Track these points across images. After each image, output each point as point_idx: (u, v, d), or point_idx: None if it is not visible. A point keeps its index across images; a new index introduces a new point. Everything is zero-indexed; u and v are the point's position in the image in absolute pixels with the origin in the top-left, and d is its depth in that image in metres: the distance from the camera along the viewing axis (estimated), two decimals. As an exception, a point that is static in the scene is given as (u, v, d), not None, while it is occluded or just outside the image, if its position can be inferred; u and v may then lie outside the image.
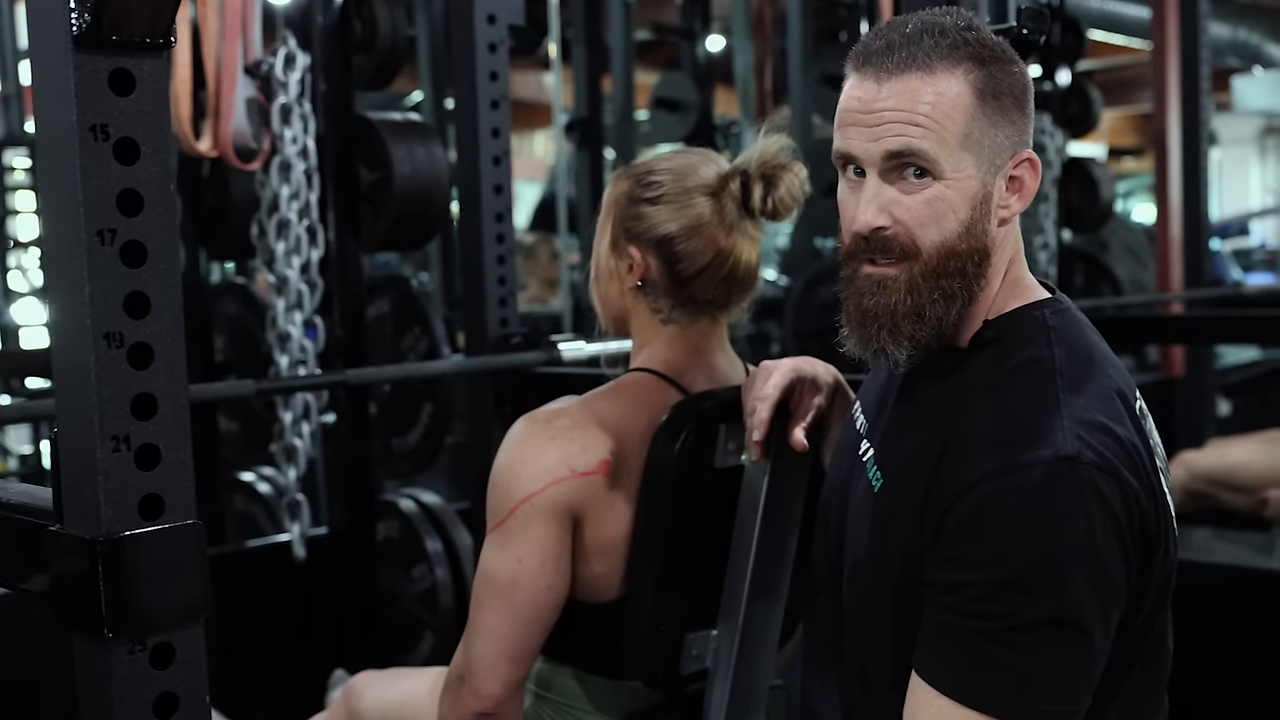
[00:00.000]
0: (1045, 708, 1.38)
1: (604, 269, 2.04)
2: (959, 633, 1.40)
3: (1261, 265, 12.86)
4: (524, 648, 1.87)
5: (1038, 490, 1.38)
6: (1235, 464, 4.53)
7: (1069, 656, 1.39)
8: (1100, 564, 1.39)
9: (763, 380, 1.88)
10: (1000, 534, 1.38)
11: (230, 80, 3.18)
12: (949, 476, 1.44)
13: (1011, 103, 1.52)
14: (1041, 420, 1.42)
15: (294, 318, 3.27)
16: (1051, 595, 1.37)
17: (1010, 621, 1.37)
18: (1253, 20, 11.95)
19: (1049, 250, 5.35)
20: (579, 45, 6.61)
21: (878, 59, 1.51)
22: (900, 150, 1.49)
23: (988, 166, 1.51)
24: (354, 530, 3.47)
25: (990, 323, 1.55)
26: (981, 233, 1.52)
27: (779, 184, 1.96)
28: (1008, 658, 1.37)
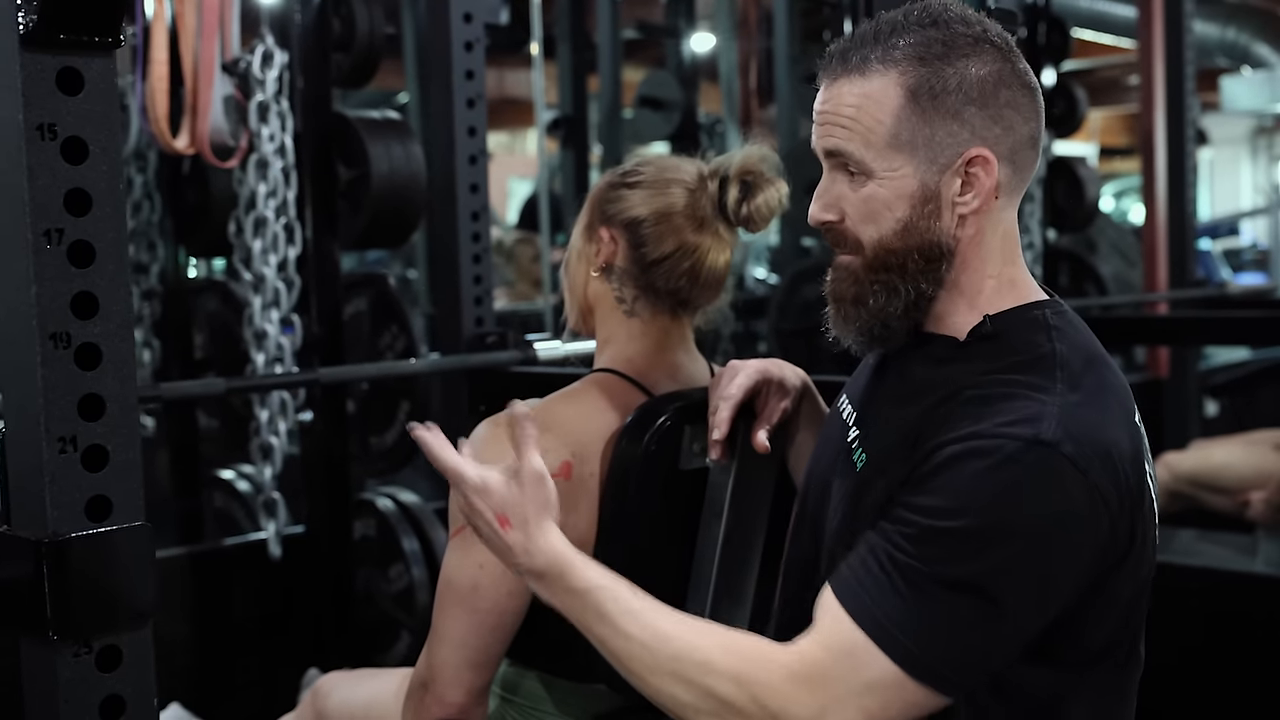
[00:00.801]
0: (935, 666, 1.39)
1: (575, 254, 2.05)
2: (884, 561, 1.40)
3: (1252, 265, 12.84)
4: (487, 654, 1.86)
5: (1006, 461, 1.39)
6: (1218, 465, 4.52)
7: (977, 628, 1.39)
8: (1044, 553, 1.39)
9: (728, 380, 1.88)
10: (955, 489, 1.39)
11: (207, 78, 3.17)
12: (931, 435, 1.45)
13: (959, 100, 1.50)
14: (1032, 404, 1.43)
15: (270, 315, 3.27)
16: (981, 562, 1.38)
17: (935, 570, 1.38)
18: (1241, 20, 11.95)
19: (1034, 250, 5.34)
20: (564, 43, 6.60)
21: (828, 64, 1.58)
22: (830, 150, 1.57)
23: (928, 166, 1.52)
24: (330, 529, 3.46)
25: (990, 317, 1.55)
26: (927, 230, 1.53)
27: (757, 193, 1.96)
28: (920, 603, 1.38)
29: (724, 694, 1.43)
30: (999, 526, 1.38)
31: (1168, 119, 5.82)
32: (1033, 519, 1.38)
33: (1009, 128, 1.53)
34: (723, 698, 1.43)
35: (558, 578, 1.55)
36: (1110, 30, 10.51)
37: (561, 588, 1.55)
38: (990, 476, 1.39)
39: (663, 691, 1.47)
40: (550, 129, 6.79)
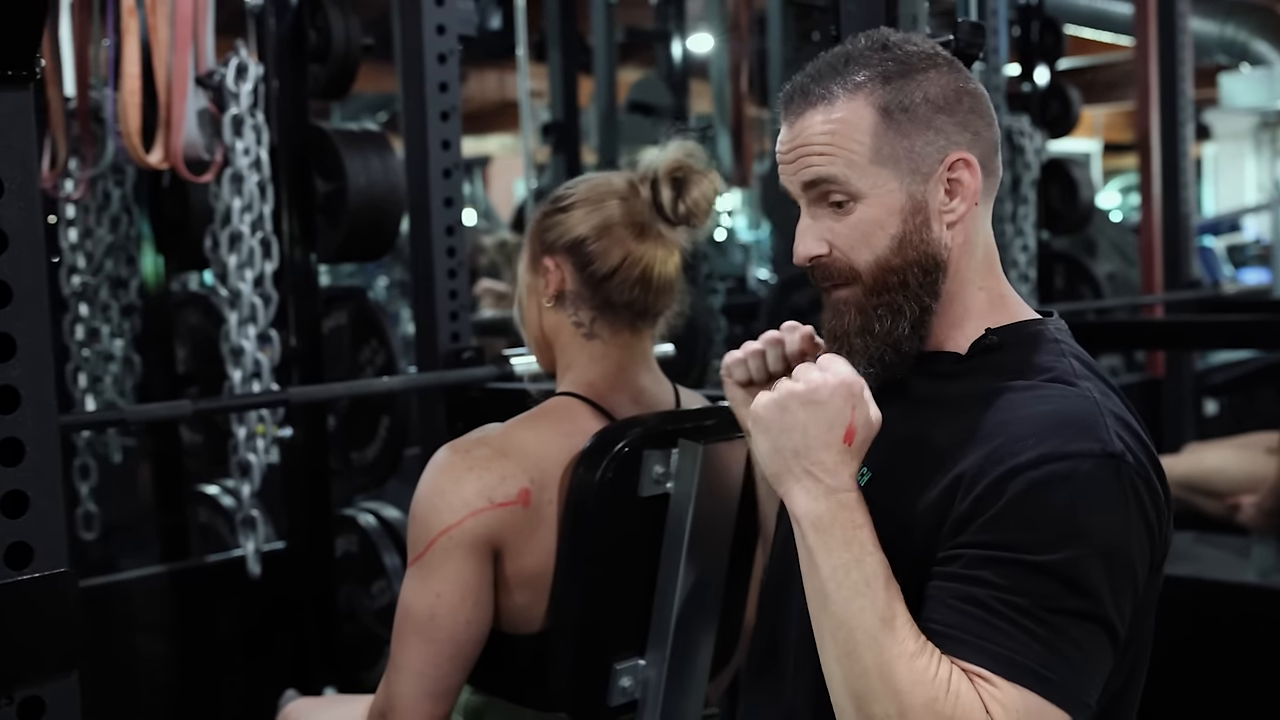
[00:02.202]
0: (1073, 691, 1.37)
1: (525, 292, 2.03)
2: (989, 605, 1.37)
3: (1255, 261, 12.79)
4: (445, 684, 1.83)
5: (1089, 482, 1.39)
6: (1211, 469, 4.49)
7: (1096, 650, 1.39)
8: (1131, 568, 1.41)
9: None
10: (1049, 519, 1.38)
11: (181, 91, 3.13)
12: (989, 461, 1.42)
13: (930, 109, 1.54)
14: (1085, 416, 1.44)
15: (247, 331, 3.23)
16: (1089, 589, 1.37)
17: (1049, 604, 1.36)
18: (1240, 17, 11.93)
19: (1028, 252, 5.31)
20: (555, 46, 6.57)
21: (789, 101, 1.59)
22: (813, 179, 1.55)
23: (911, 177, 1.54)
24: (312, 545, 3.43)
25: (993, 330, 1.57)
26: (921, 242, 1.55)
27: (690, 188, 1.94)
28: (1043, 635, 1.36)
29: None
30: (1098, 551, 1.38)
31: (1162, 117, 5.78)
32: (1123, 536, 1.40)
33: (976, 133, 1.57)
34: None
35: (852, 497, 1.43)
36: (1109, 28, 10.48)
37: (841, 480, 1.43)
38: (1078, 501, 1.38)
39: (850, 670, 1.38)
40: (542, 133, 6.77)
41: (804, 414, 1.42)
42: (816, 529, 1.40)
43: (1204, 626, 3.48)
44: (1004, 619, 1.36)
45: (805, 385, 1.43)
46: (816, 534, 1.40)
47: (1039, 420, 1.44)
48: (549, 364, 2.05)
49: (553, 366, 2.04)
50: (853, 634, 1.36)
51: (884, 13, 2.10)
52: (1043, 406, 1.46)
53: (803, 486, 1.42)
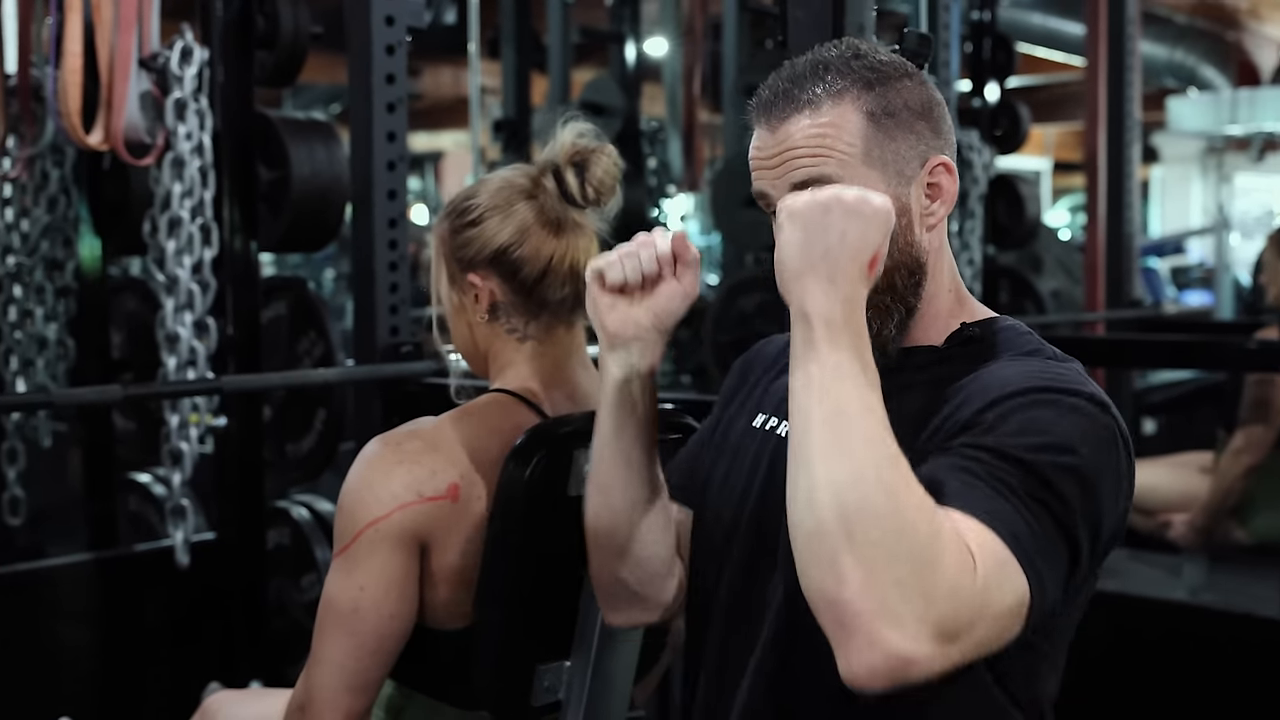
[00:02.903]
0: (1038, 568, 1.34)
1: (451, 309, 2.00)
2: (981, 476, 1.36)
3: (1198, 283, 12.90)
4: (366, 678, 1.82)
5: (1077, 411, 1.43)
6: (1145, 487, 4.48)
7: (1060, 555, 1.37)
8: (1101, 500, 1.41)
9: None
10: (1039, 429, 1.40)
11: (124, 72, 3.11)
12: (978, 398, 1.45)
13: (910, 115, 1.57)
14: (1074, 376, 1.49)
15: (183, 318, 3.20)
16: (1067, 498, 1.37)
17: (1034, 494, 1.36)
18: (1189, 42, 12.04)
19: (974, 266, 5.32)
20: (509, 44, 6.55)
21: (769, 108, 1.58)
22: (804, 180, 1.53)
23: (897, 179, 1.56)
24: (242, 537, 3.39)
25: (969, 325, 1.60)
26: (906, 245, 1.56)
27: (592, 167, 1.93)
28: (1024, 512, 1.35)
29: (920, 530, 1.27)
30: (1079, 476, 1.38)
31: (1110, 137, 5.82)
32: (1103, 461, 1.41)
33: (948, 141, 1.61)
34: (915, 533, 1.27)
35: (863, 316, 1.39)
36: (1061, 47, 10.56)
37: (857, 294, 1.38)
38: (1070, 422, 1.41)
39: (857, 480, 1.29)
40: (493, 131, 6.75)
41: (844, 222, 1.38)
42: (829, 325, 1.35)
43: (1134, 642, 3.50)
44: (992, 488, 1.35)
45: (853, 196, 1.40)
46: (827, 329, 1.35)
47: (1032, 373, 1.48)
48: (483, 372, 2.03)
49: (487, 374, 2.02)
50: (851, 422, 1.31)
51: (831, 20, 2.10)
52: (1025, 370, 1.49)
53: (822, 288, 1.37)
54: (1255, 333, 4.45)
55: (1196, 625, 3.49)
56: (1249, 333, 4.56)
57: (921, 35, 1.96)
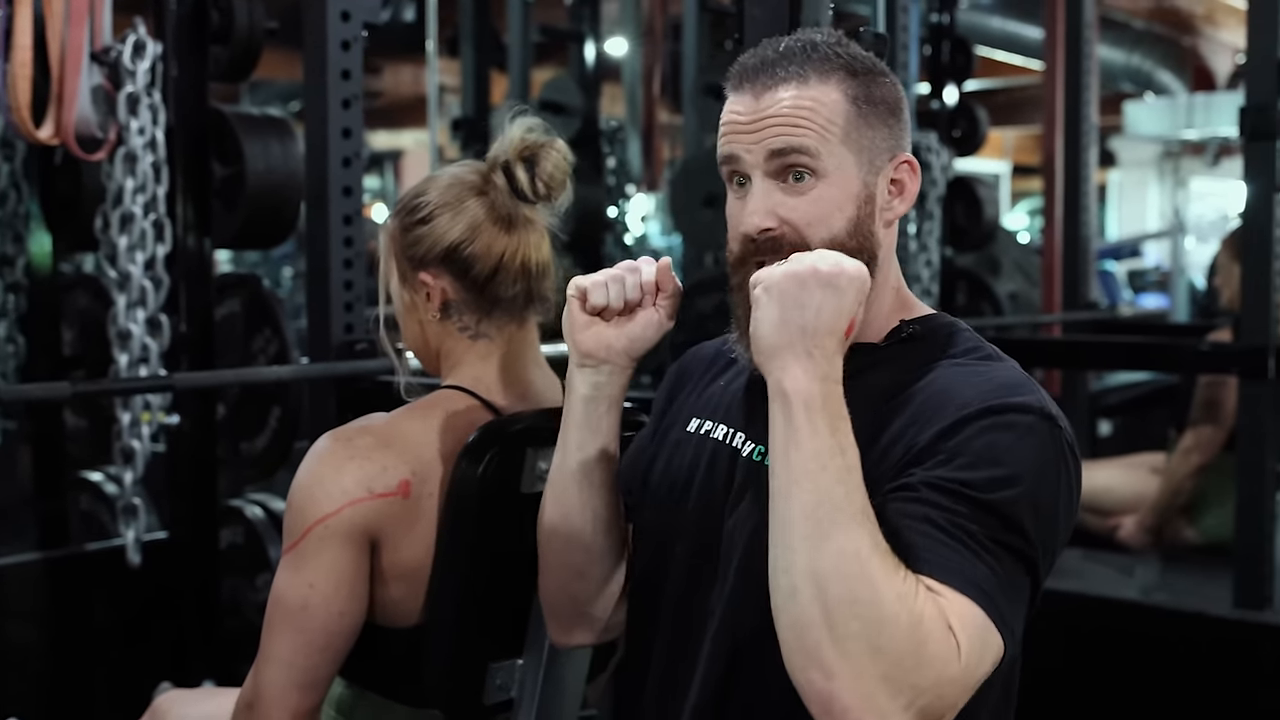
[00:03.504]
0: (1008, 617, 1.36)
1: (403, 308, 1.98)
2: (944, 527, 1.37)
3: (1154, 286, 12.99)
4: (314, 675, 1.80)
5: (1030, 434, 1.43)
6: (1099, 488, 4.54)
7: (1024, 589, 1.40)
8: (1058, 520, 1.43)
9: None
10: (993, 460, 1.41)
11: (75, 66, 3.07)
12: (937, 417, 1.45)
13: (886, 110, 1.59)
14: (1021, 382, 1.49)
15: (136, 315, 3.18)
16: (1023, 530, 1.38)
17: (994, 536, 1.37)
18: (1146, 48, 12.12)
19: (932, 268, 5.34)
20: (467, 42, 6.53)
21: (754, 74, 1.58)
22: (783, 148, 1.54)
23: (868, 167, 1.57)
24: (195, 535, 3.37)
25: (908, 321, 1.61)
26: (869, 233, 1.58)
27: (541, 162, 1.92)
28: (989, 560, 1.36)
29: (900, 620, 1.29)
30: (1033, 500, 1.40)
31: (1067, 141, 5.84)
32: (1054, 491, 1.43)
33: (909, 143, 1.64)
34: (895, 624, 1.29)
35: (840, 390, 1.39)
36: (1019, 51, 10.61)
37: (834, 370, 1.39)
38: (1019, 449, 1.42)
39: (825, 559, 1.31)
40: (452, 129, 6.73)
41: (821, 294, 1.39)
42: (808, 409, 1.36)
43: (1087, 641, 3.52)
44: (956, 539, 1.36)
45: (829, 267, 1.40)
46: (806, 413, 1.36)
47: (980, 385, 1.48)
48: (436, 370, 2.02)
49: (439, 372, 2.01)
50: (832, 514, 1.32)
51: (788, 20, 2.09)
52: (978, 377, 1.50)
53: (801, 364, 1.38)
54: (1208, 335, 4.48)
55: (1148, 625, 3.51)
56: (1203, 335, 4.59)
57: (877, 35, 1.98)
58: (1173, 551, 4.41)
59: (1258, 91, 3.52)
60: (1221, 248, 4.62)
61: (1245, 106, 3.54)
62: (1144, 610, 3.64)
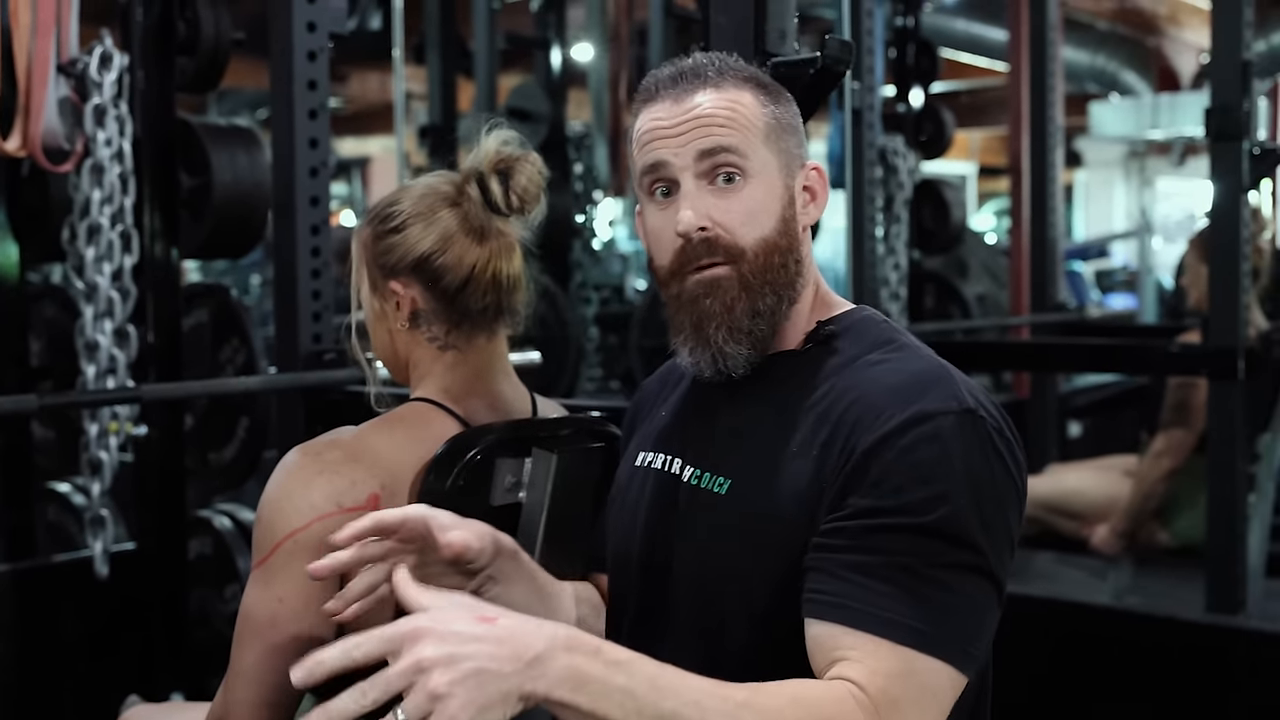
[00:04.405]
0: (964, 646, 1.37)
1: (373, 317, 1.98)
2: (877, 570, 1.37)
3: (1122, 286, 13.04)
4: (284, 692, 1.79)
5: (953, 438, 1.41)
6: (1070, 491, 4.56)
7: (982, 600, 1.40)
8: (1005, 518, 1.42)
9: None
10: (922, 479, 1.39)
11: (42, 78, 3.06)
12: (857, 436, 1.44)
13: (790, 120, 1.63)
14: (936, 376, 1.48)
15: (103, 326, 3.17)
16: (970, 542, 1.38)
17: (936, 560, 1.37)
18: (1111, 48, 12.18)
19: (899, 271, 5.36)
20: (433, 50, 6.52)
21: (671, 83, 1.60)
22: (712, 148, 1.56)
23: (787, 170, 1.60)
24: (163, 547, 3.36)
25: (824, 322, 1.61)
26: (794, 232, 1.60)
27: (515, 175, 1.91)
28: (931, 593, 1.36)
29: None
30: (975, 503, 1.39)
31: (1033, 142, 5.87)
32: (992, 486, 1.41)
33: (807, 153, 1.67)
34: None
35: (594, 650, 1.24)
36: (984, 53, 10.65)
37: (603, 660, 1.24)
38: (947, 460, 1.40)
39: None
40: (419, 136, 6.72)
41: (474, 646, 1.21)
42: (583, 680, 1.22)
43: (1059, 646, 3.52)
44: (894, 584, 1.36)
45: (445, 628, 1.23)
46: (583, 695, 1.22)
47: (895, 388, 1.47)
48: (404, 380, 2.01)
49: (408, 381, 2.00)
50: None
51: (753, 26, 2.09)
52: (894, 377, 1.49)
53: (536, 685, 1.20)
54: (1178, 336, 4.49)
55: (1121, 629, 3.51)
56: (1172, 336, 4.61)
57: (843, 42, 1.98)
58: (1145, 555, 4.43)
59: (1222, 91, 3.54)
60: (1189, 248, 4.63)
61: (1210, 107, 3.56)
62: (1116, 615, 3.65)
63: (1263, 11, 7.18)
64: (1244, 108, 3.50)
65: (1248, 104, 3.52)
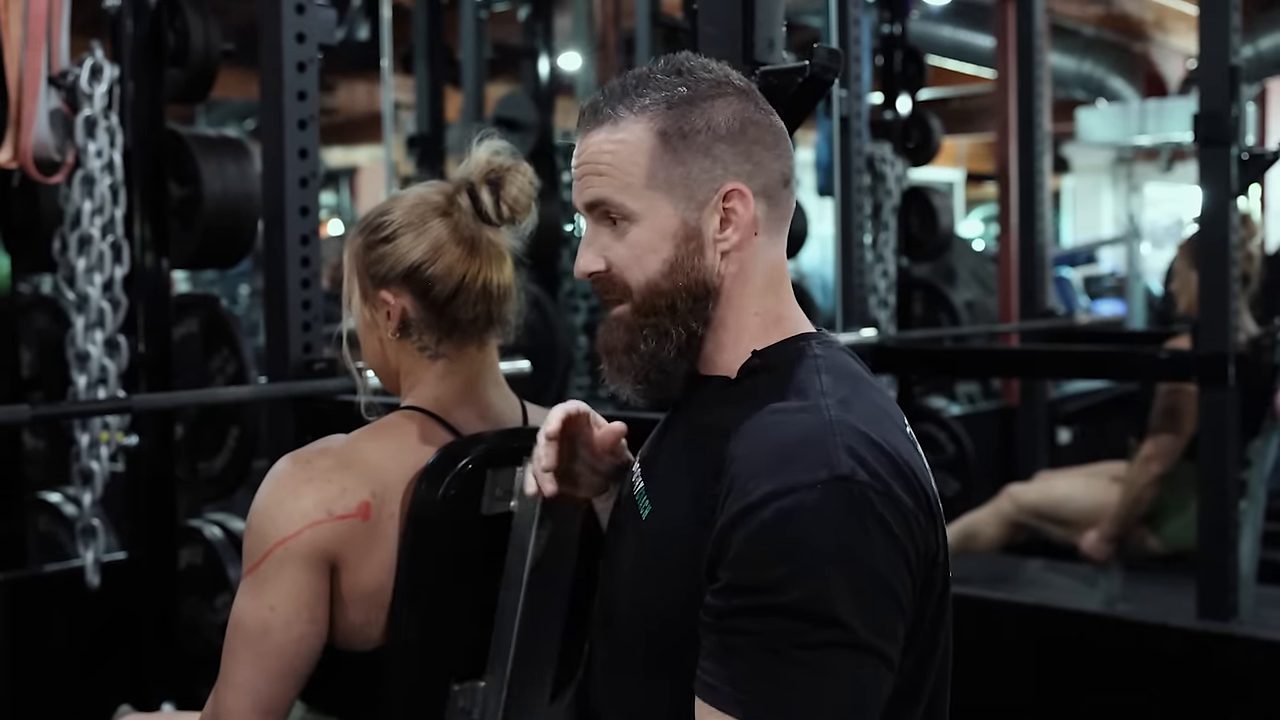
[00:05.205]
0: (841, 713, 1.34)
1: (363, 325, 1.98)
2: (744, 652, 1.34)
3: (1110, 293, 13.05)
4: (275, 700, 1.80)
5: (817, 512, 1.35)
6: (1060, 498, 4.57)
7: (856, 676, 1.35)
8: (883, 582, 1.36)
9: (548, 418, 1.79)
10: (783, 557, 1.34)
11: (33, 90, 3.07)
12: (728, 503, 1.40)
13: (709, 138, 1.55)
14: (814, 441, 1.40)
15: (94, 336, 3.18)
16: (837, 619, 1.33)
17: (803, 641, 1.32)
18: (1097, 54, 12.21)
19: (888, 278, 5.37)
20: (421, 59, 6.53)
21: (580, 121, 1.62)
22: (590, 201, 1.59)
23: (686, 203, 1.55)
24: (154, 556, 3.36)
25: (758, 353, 1.57)
26: (693, 268, 1.56)
27: (507, 186, 1.92)
28: (796, 677, 1.32)
29: None
30: (837, 580, 1.33)
31: (1020, 148, 5.89)
32: (863, 557, 1.35)
33: (759, 164, 1.58)
34: None
35: None
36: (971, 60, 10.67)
37: None
38: (808, 536, 1.34)
39: None
40: (407, 146, 6.73)
41: None
42: None
43: (1050, 653, 3.53)
44: (754, 665, 1.33)
45: None
46: None
47: (767, 454, 1.41)
48: (395, 389, 2.02)
49: (399, 390, 2.01)
50: None
51: (741, 35, 2.10)
52: (772, 436, 1.43)
53: None
54: (1166, 342, 4.51)
55: (1112, 635, 3.52)
56: (1161, 342, 4.62)
57: (831, 50, 1.99)
58: (1135, 561, 4.44)
59: (1210, 97, 3.56)
60: (1178, 254, 4.63)
61: (1198, 113, 3.58)
62: (1107, 621, 3.66)
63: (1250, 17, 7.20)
64: (1232, 113, 3.51)
65: (1236, 109, 3.53)
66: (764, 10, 2.06)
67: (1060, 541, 4.57)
